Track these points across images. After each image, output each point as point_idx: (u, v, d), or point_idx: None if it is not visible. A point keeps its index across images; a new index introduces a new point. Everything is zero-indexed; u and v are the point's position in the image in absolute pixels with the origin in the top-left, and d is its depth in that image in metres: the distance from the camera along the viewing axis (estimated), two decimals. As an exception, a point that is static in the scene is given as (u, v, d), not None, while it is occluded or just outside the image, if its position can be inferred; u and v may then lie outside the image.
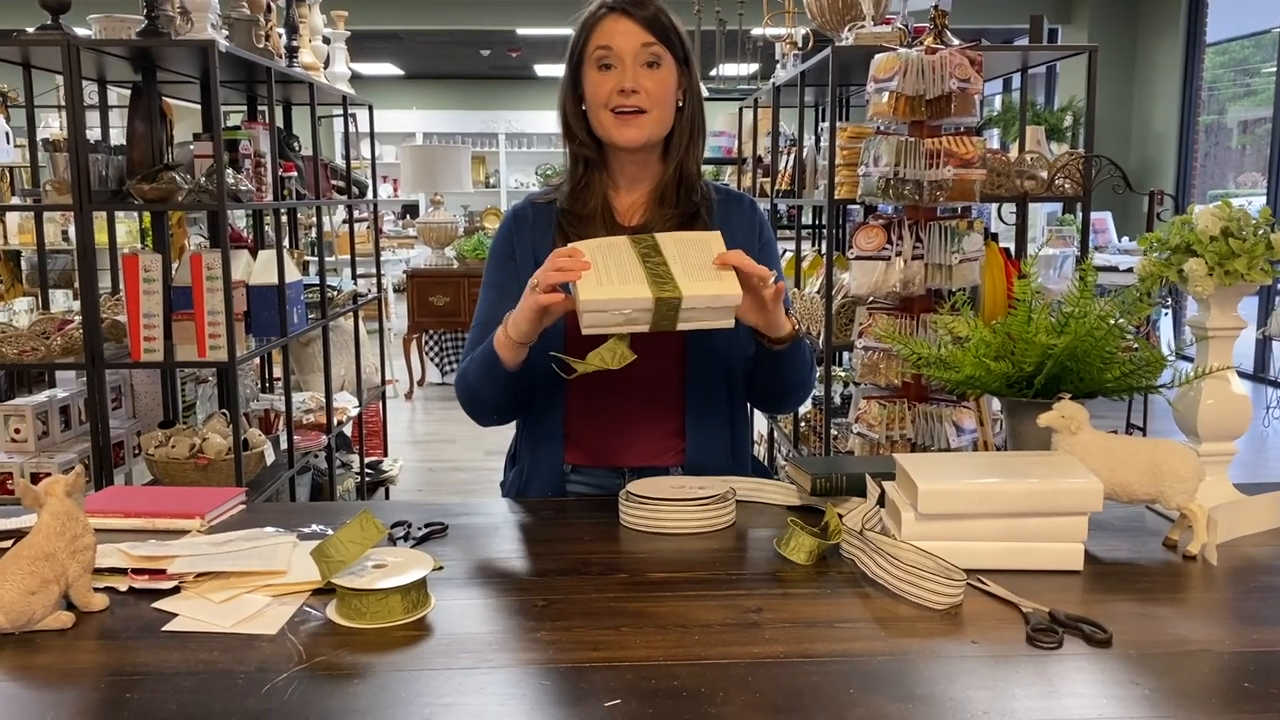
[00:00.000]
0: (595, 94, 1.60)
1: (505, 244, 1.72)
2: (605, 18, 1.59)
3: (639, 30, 1.58)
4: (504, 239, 1.73)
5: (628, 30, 1.58)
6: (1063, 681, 1.02)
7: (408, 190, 7.65)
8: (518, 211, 1.74)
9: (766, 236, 1.75)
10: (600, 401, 1.67)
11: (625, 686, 1.00)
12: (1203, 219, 1.45)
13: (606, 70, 1.59)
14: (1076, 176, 2.96)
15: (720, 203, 1.71)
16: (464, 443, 5.85)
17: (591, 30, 1.60)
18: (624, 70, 1.58)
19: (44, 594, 1.12)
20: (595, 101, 1.60)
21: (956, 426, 2.71)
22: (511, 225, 1.73)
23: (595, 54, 1.59)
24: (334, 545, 1.18)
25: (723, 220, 1.68)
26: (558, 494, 1.70)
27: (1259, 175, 8.16)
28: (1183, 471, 1.34)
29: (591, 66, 1.60)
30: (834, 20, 3.33)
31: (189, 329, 2.75)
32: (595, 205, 1.66)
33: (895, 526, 1.33)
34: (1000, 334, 1.54)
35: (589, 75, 1.61)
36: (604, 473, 1.71)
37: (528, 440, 1.74)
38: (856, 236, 2.75)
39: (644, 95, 1.58)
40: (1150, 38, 9.24)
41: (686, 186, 1.67)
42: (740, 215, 1.73)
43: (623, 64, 1.58)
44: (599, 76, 1.59)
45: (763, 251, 1.70)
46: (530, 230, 1.70)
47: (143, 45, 2.68)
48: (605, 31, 1.59)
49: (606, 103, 1.59)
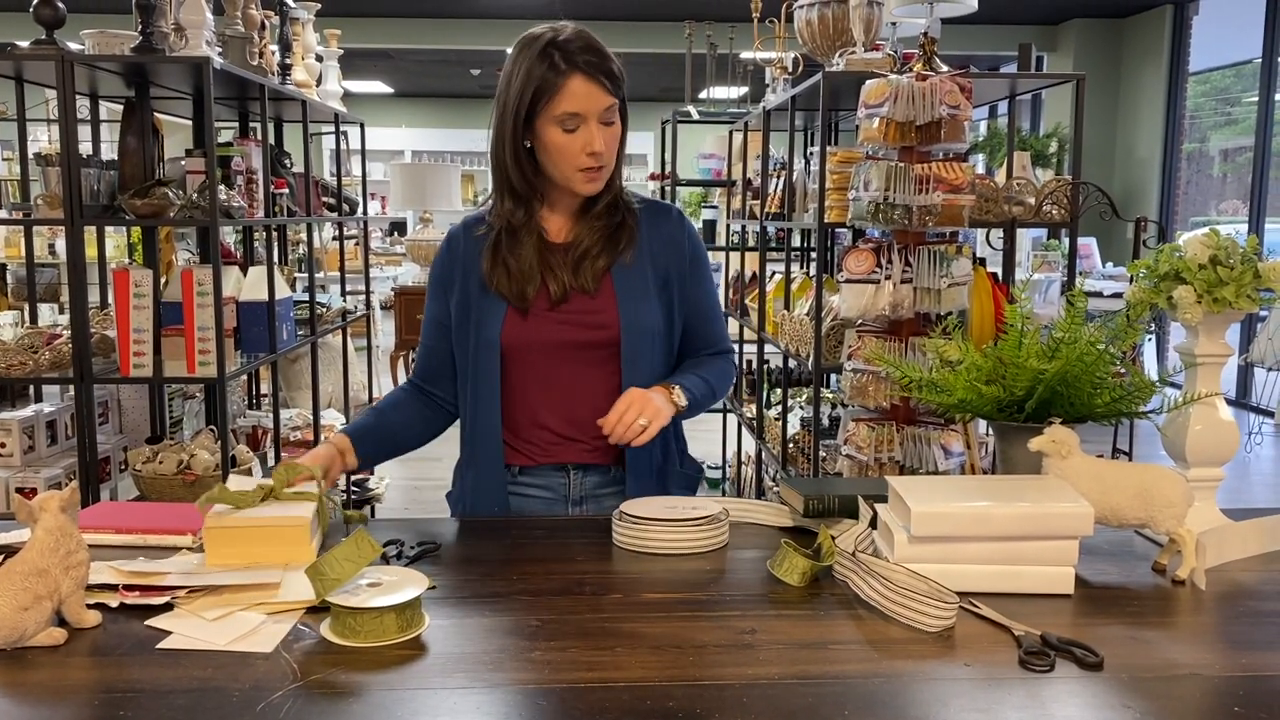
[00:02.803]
0: (563, 155, 1.61)
1: (437, 271, 1.77)
2: (571, 78, 1.57)
3: (603, 94, 1.59)
4: (436, 266, 1.77)
5: (592, 93, 1.58)
6: (1055, 705, 1.02)
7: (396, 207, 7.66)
8: (451, 238, 1.77)
9: (695, 248, 1.78)
10: (537, 401, 1.70)
11: (620, 707, 1.00)
12: (1191, 247, 1.47)
13: (571, 132, 1.60)
14: (1064, 202, 2.99)
15: (645, 212, 1.75)
16: (450, 461, 5.81)
17: (554, 91, 1.57)
18: (590, 132, 1.59)
19: (37, 610, 1.11)
20: (562, 161, 1.62)
21: (944, 449, 2.73)
22: (444, 254, 1.77)
23: (559, 117, 1.58)
24: (329, 563, 1.18)
25: (650, 230, 1.73)
26: (502, 501, 1.72)
27: (1240, 203, 8.25)
28: (1172, 496, 1.35)
29: (553, 125, 1.59)
30: (824, 45, 3.36)
31: (178, 344, 2.74)
32: (533, 230, 1.69)
33: (888, 548, 1.34)
34: (991, 358, 1.55)
35: (550, 132, 1.60)
36: (548, 472, 1.73)
37: (469, 448, 1.77)
38: (846, 260, 2.76)
39: (606, 152, 1.62)
40: (1134, 67, 9.35)
41: (610, 202, 1.71)
42: (668, 225, 1.76)
43: (588, 125, 1.59)
44: (564, 138, 1.60)
45: (692, 265, 1.75)
46: (461, 256, 1.73)
47: (137, 62, 2.69)
48: (573, 95, 1.57)
49: (575, 164, 1.61)
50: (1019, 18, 9.66)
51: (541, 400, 1.70)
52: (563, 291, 1.66)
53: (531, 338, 1.66)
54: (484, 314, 1.68)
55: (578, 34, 1.60)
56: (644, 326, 1.68)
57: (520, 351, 1.67)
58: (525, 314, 1.66)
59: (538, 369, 1.68)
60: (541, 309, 1.66)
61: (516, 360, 1.67)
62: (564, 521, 1.66)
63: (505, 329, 1.66)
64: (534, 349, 1.66)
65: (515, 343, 1.66)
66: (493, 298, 1.68)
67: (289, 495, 1.42)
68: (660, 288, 1.72)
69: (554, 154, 1.61)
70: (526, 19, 9.57)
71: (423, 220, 7.34)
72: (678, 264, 1.74)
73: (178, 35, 2.79)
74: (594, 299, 1.67)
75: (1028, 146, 8.38)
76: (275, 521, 1.35)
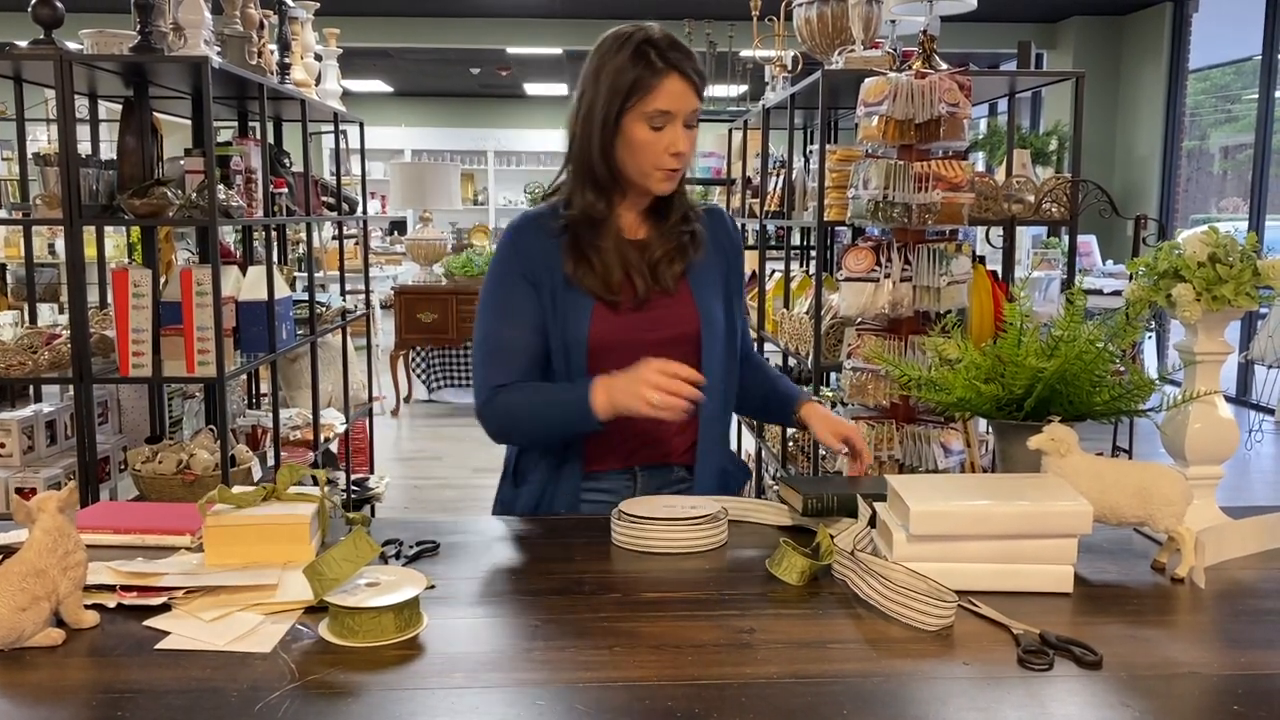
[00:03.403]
0: (647, 153, 1.62)
1: (516, 262, 1.69)
2: (668, 77, 1.59)
3: (693, 96, 1.62)
4: (515, 257, 1.70)
5: (684, 94, 1.60)
6: (1054, 703, 1.02)
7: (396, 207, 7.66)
8: (520, 228, 1.72)
9: (741, 250, 1.86)
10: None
11: (619, 706, 1.00)
12: (1190, 245, 1.47)
13: (658, 130, 1.61)
14: (1063, 200, 2.99)
15: (707, 217, 1.79)
16: (450, 460, 5.84)
17: (649, 89, 1.58)
18: (676, 131, 1.61)
19: (34, 610, 1.11)
20: (645, 159, 1.62)
21: (944, 448, 2.73)
22: (520, 242, 1.71)
23: (651, 114, 1.59)
24: (327, 563, 1.18)
25: (712, 237, 1.77)
26: (575, 506, 1.70)
27: (1240, 200, 8.24)
28: (1171, 495, 1.35)
29: (641, 121, 1.60)
30: (823, 44, 3.36)
31: (178, 344, 2.74)
32: (612, 224, 1.69)
33: (887, 547, 1.34)
34: (990, 357, 1.55)
35: (637, 129, 1.61)
36: (617, 476, 1.72)
37: (549, 455, 1.72)
38: (845, 258, 2.76)
39: (687, 155, 1.64)
40: (1134, 64, 9.35)
41: (682, 203, 1.74)
42: (724, 227, 1.82)
43: (675, 126, 1.61)
44: (650, 136, 1.61)
45: (741, 264, 1.83)
46: (539, 248, 1.69)
47: (136, 61, 2.69)
48: (667, 94, 1.59)
49: (657, 163, 1.62)
50: (1018, 15, 9.65)
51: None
52: (646, 289, 1.67)
53: (619, 336, 1.65)
54: (569, 311, 1.65)
55: (665, 34, 1.63)
56: (719, 323, 1.72)
57: (606, 350, 1.64)
58: (613, 310, 1.65)
59: (621, 368, 1.64)
60: (626, 307, 1.66)
61: (601, 359, 1.63)
62: (563, 520, 1.65)
63: (593, 327, 1.64)
64: (620, 347, 1.63)
65: (602, 341, 1.64)
66: (577, 294, 1.65)
67: (290, 495, 1.42)
68: (723, 286, 1.77)
69: (637, 151, 1.62)
70: (526, 17, 9.58)
71: (423, 219, 7.34)
72: (735, 265, 1.81)
73: (176, 35, 2.79)
74: (673, 297, 1.69)
75: (1027, 144, 8.38)
76: (275, 520, 1.35)
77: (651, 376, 1.51)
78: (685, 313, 1.70)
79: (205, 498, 1.38)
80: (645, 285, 1.67)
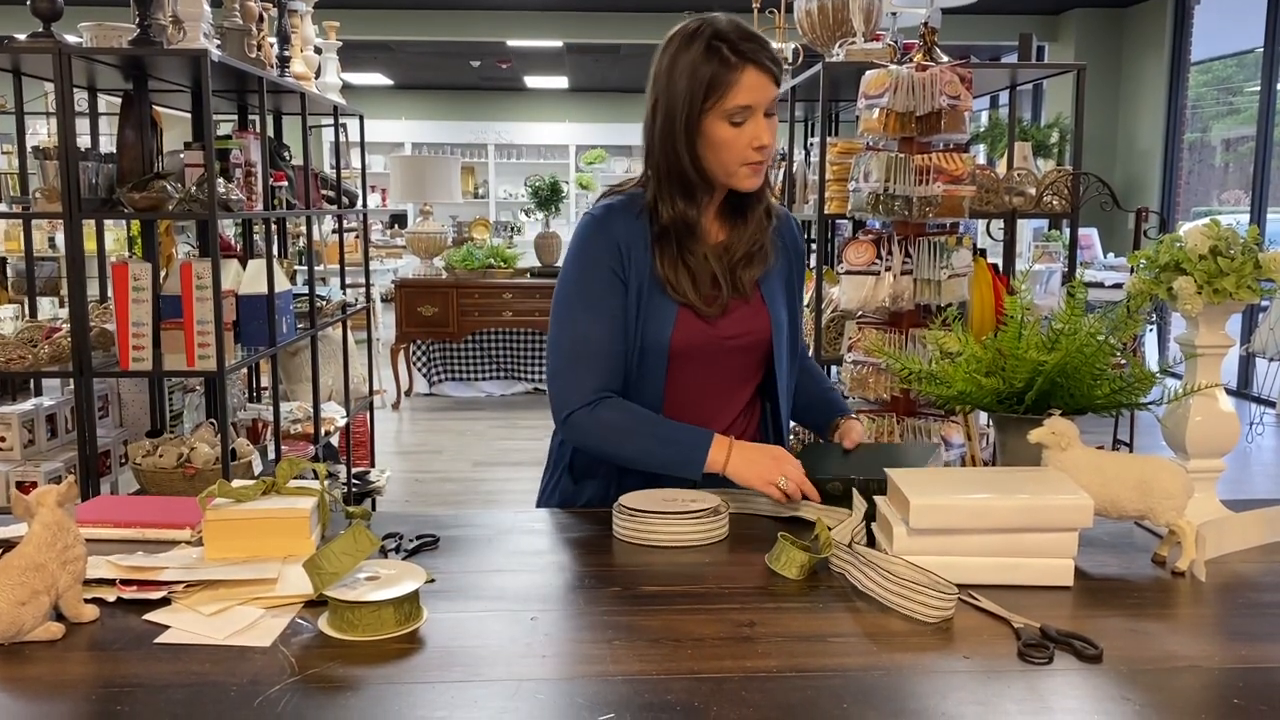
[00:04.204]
0: (731, 149, 1.57)
1: (606, 254, 1.61)
2: (745, 71, 1.53)
3: (771, 85, 1.56)
4: (604, 248, 1.61)
5: (764, 85, 1.55)
6: (1054, 697, 1.02)
7: (396, 200, 7.64)
8: (605, 219, 1.64)
9: (803, 254, 1.84)
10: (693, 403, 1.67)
11: (619, 700, 1.00)
12: (1192, 238, 1.46)
13: (739, 125, 1.56)
14: (1065, 193, 2.98)
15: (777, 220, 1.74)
16: (451, 454, 5.84)
17: (728, 85, 1.53)
18: (758, 124, 1.56)
19: (34, 605, 1.11)
20: (730, 155, 1.57)
21: (945, 441, 2.73)
22: (608, 233, 1.62)
23: (731, 110, 1.54)
24: (326, 557, 1.18)
25: (779, 240, 1.74)
26: None
27: (1242, 193, 8.23)
28: (1172, 488, 1.35)
29: (722, 119, 1.55)
30: (825, 36, 3.35)
31: (178, 338, 2.74)
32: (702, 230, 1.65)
33: (887, 541, 1.34)
34: (991, 350, 1.55)
35: (718, 127, 1.55)
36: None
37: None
38: (846, 251, 2.76)
39: (770, 146, 1.60)
40: (1136, 56, 9.33)
41: (766, 207, 1.70)
42: (790, 234, 1.77)
43: (756, 119, 1.56)
44: (732, 132, 1.55)
45: (801, 263, 1.81)
46: (628, 241, 1.62)
47: (135, 54, 2.68)
48: (747, 88, 1.53)
49: (742, 159, 1.58)
50: (1019, 7, 9.64)
51: (696, 402, 1.66)
52: (728, 295, 1.64)
53: (698, 341, 1.62)
54: (653, 314, 1.60)
55: (733, 24, 1.57)
56: (785, 328, 1.71)
57: (685, 355, 1.62)
58: (697, 315, 1.62)
59: (697, 373, 1.64)
60: (708, 313, 1.63)
61: (677, 364, 1.62)
62: (563, 514, 1.65)
63: (676, 332, 1.60)
64: (697, 353, 1.62)
65: (683, 346, 1.61)
66: (662, 298, 1.61)
67: (290, 489, 1.42)
68: (787, 290, 1.74)
69: (720, 149, 1.57)
70: (526, 10, 9.56)
71: (423, 213, 7.33)
72: (798, 269, 1.78)
73: (175, 28, 2.78)
74: (749, 302, 1.67)
75: (1028, 137, 8.35)
76: (275, 513, 1.35)
77: (788, 470, 1.52)
78: (759, 318, 1.67)
79: (205, 491, 1.38)
80: (728, 291, 1.64)
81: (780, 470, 1.53)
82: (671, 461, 1.57)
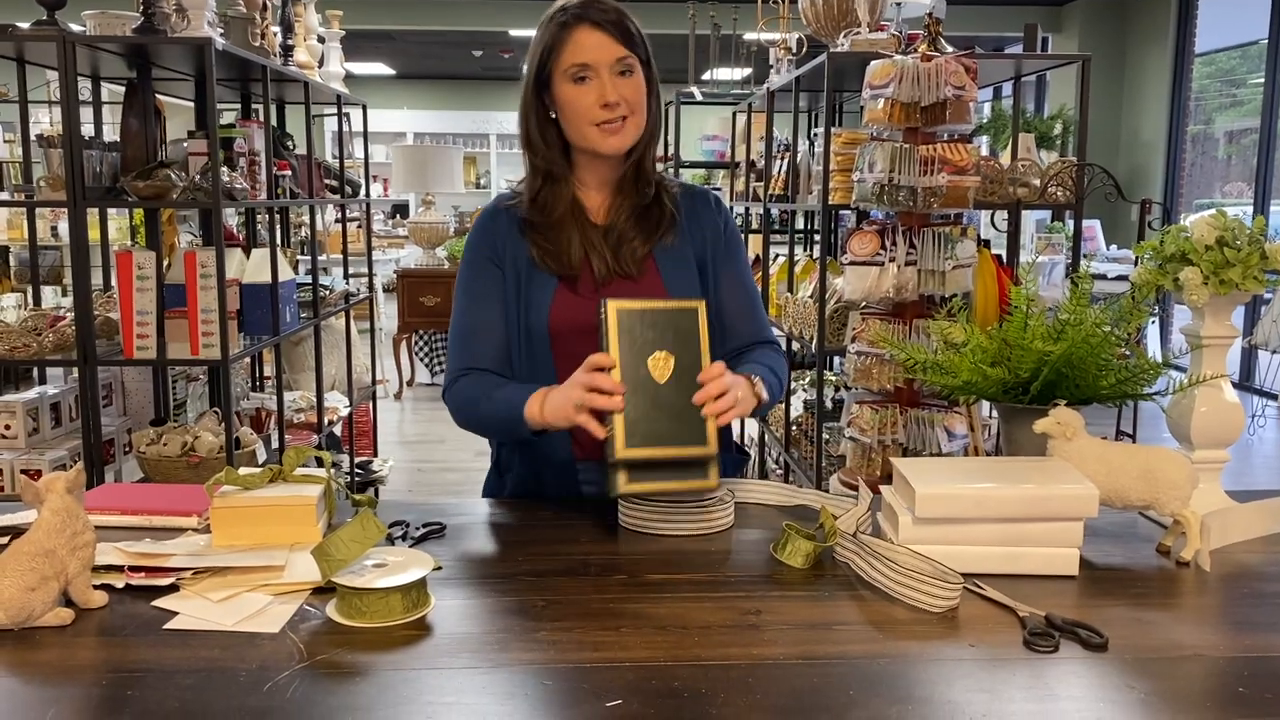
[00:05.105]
0: (576, 109, 1.59)
1: (485, 247, 1.68)
2: (575, 30, 1.56)
3: (611, 43, 1.57)
4: (483, 241, 1.69)
5: (600, 43, 1.56)
6: (1059, 685, 1.03)
7: (398, 190, 7.64)
8: (492, 213, 1.71)
9: (731, 232, 1.77)
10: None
11: (626, 687, 1.01)
12: (1198, 228, 1.46)
13: (582, 83, 1.58)
14: (1069, 184, 2.98)
15: (683, 197, 1.73)
16: (453, 443, 5.84)
17: (562, 45, 1.57)
18: (602, 82, 1.57)
19: (43, 590, 1.11)
20: (576, 116, 1.59)
21: (948, 431, 2.73)
22: (489, 226, 1.70)
23: (569, 70, 1.57)
24: (335, 544, 1.19)
25: (690, 218, 1.71)
26: (576, 492, 1.66)
27: (1245, 185, 8.22)
28: (1177, 478, 1.35)
29: (565, 81, 1.58)
30: (829, 26, 3.34)
31: (182, 327, 2.74)
32: (564, 211, 1.66)
33: (892, 530, 1.34)
34: (996, 340, 1.55)
35: (563, 89, 1.59)
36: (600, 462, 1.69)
37: (528, 445, 1.67)
38: (850, 242, 2.76)
39: (624, 104, 1.59)
40: (1139, 48, 9.30)
41: (643, 180, 1.69)
42: (707, 212, 1.74)
43: (599, 76, 1.57)
44: (576, 90, 1.58)
45: (729, 247, 1.74)
46: (505, 233, 1.68)
47: (139, 43, 2.68)
48: (578, 46, 1.56)
49: (590, 118, 1.58)
50: (1024, -2, 9.62)
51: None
52: (607, 274, 1.63)
53: (580, 320, 1.59)
54: (532, 295, 1.63)
55: None
56: None
57: (568, 335, 1.61)
58: (574, 293, 1.62)
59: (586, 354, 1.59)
60: (586, 290, 1.63)
61: (564, 346, 1.61)
62: (569, 502, 1.65)
63: (553, 313, 1.62)
64: (582, 333, 1.58)
65: (563, 325, 1.62)
66: (541, 277, 1.64)
67: (297, 476, 1.42)
68: (699, 273, 1.70)
69: (569, 111, 1.59)
70: (528, 0, 9.53)
71: (425, 203, 7.32)
72: (714, 249, 1.72)
73: (179, 16, 2.78)
74: (638, 283, 1.64)
75: (1032, 128, 8.35)
76: (282, 501, 1.36)
77: (579, 377, 1.43)
78: (652, 297, 1.61)
79: (213, 479, 1.38)
80: (605, 267, 1.63)
81: (578, 395, 1.42)
82: (505, 421, 1.56)
